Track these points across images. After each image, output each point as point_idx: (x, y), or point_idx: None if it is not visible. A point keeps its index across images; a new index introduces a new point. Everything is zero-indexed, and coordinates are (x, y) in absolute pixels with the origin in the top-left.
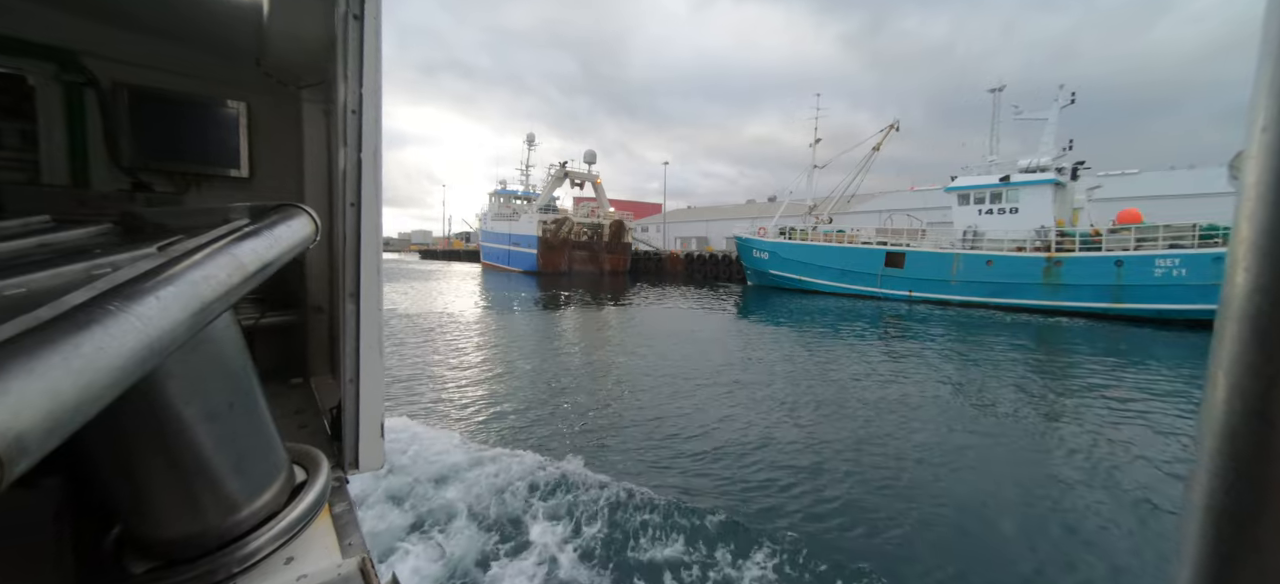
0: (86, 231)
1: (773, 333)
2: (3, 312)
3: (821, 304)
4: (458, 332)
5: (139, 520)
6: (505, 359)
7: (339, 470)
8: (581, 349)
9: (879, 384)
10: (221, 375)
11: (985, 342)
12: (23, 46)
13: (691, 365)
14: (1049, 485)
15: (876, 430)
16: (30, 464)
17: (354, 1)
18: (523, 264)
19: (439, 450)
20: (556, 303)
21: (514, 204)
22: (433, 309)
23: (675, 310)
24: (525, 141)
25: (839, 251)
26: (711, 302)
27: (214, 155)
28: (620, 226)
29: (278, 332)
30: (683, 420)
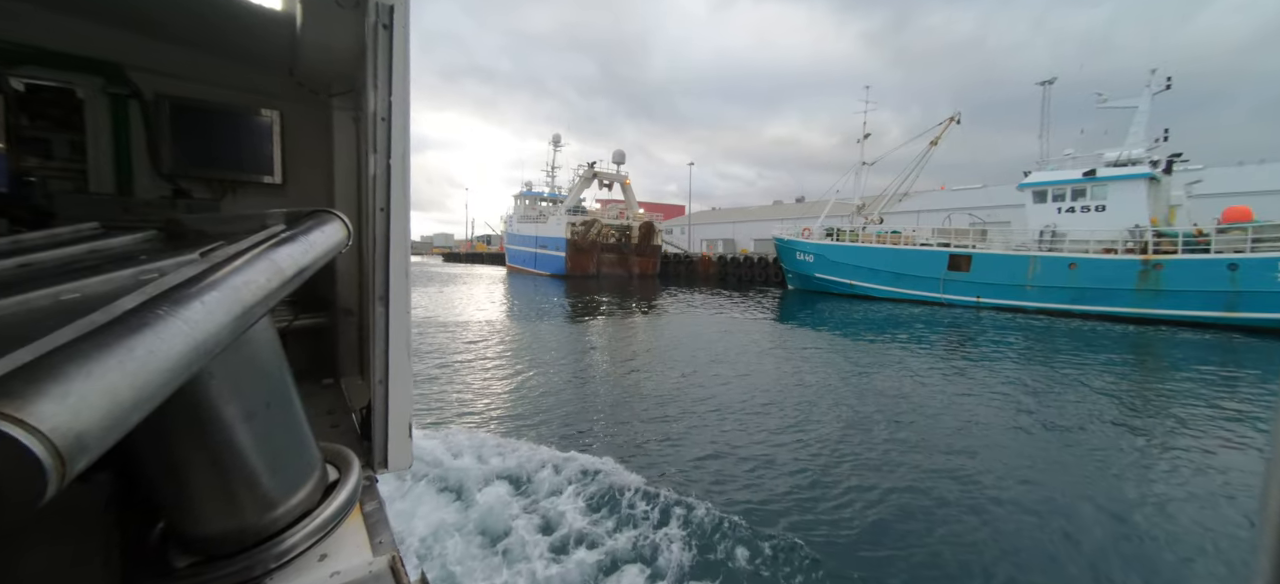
0: (133, 238)
1: (824, 343)
2: (60, 316)
3: (875, 311)
4: (487, 341)
5: (182, 516)
6: (542, 373)
7: (369, 470)
8: (619, 361)
9: (954, 400)
10: (258, 376)
11: (1074, 355)
12: (73, 61)
13: (738, 379)
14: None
15: (964, 462)
16: (89, 461)
17: (383, 11)
18: (550, 267)
19: (464, 461)
20: (588, 309)
21: (540, 206)
22: (459, 317)
23: (712, 317)
24: (551, 143)
25: (894, 254)
26: (750, 307)
27: (249, 163)
28: (650, 228)
29: (310, 333)
30: (736, 441)
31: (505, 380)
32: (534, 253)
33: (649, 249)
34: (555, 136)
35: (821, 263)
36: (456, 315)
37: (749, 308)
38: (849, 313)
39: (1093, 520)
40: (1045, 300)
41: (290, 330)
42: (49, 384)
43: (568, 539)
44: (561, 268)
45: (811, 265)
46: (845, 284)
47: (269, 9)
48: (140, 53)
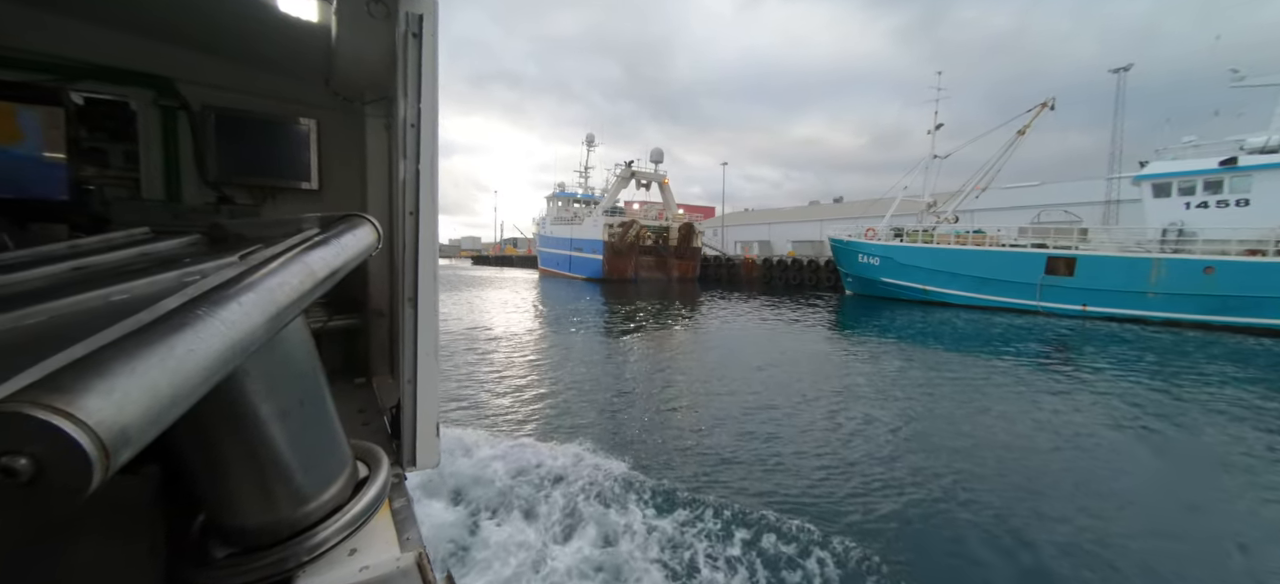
0: (179, 242)
1: (899, 358)
2: (109, 315)
3: (955, 320)
4: (525, 355)
5: (220, 509)
6: (585, 396)
7: (397, 467)
8: (666, 383)
9: (1075, 435)
10: (292, 375)
11: (1223, 376)
12: (127, 76)
13: (802, 405)
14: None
15: (1102, 529)
16: (133, 453)
17: (413, 21)
18: (586, 270)
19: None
20: (629, 317)
21: (573, 207)
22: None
23: (763, 327)
24: (584, 143)
25: (979, 256)
26: (804, 315)
27: (288, 170)
28: (690, 230)
29: (343, 334)
30: (808, 488)
31: (544, 404)
32: (568, 256)
33: (689, 252)
34: (588, 136)
35: (889, 266)
36: (491, 324)
37: (803, 316)
38: (924, 322)
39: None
40: (1173, 309)
41: (325, 331)
42: (95, 380)
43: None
44: (598, 271)
45: (876, 269)
46: (917, 289)
47: (305, 21)
48: (188, 67)
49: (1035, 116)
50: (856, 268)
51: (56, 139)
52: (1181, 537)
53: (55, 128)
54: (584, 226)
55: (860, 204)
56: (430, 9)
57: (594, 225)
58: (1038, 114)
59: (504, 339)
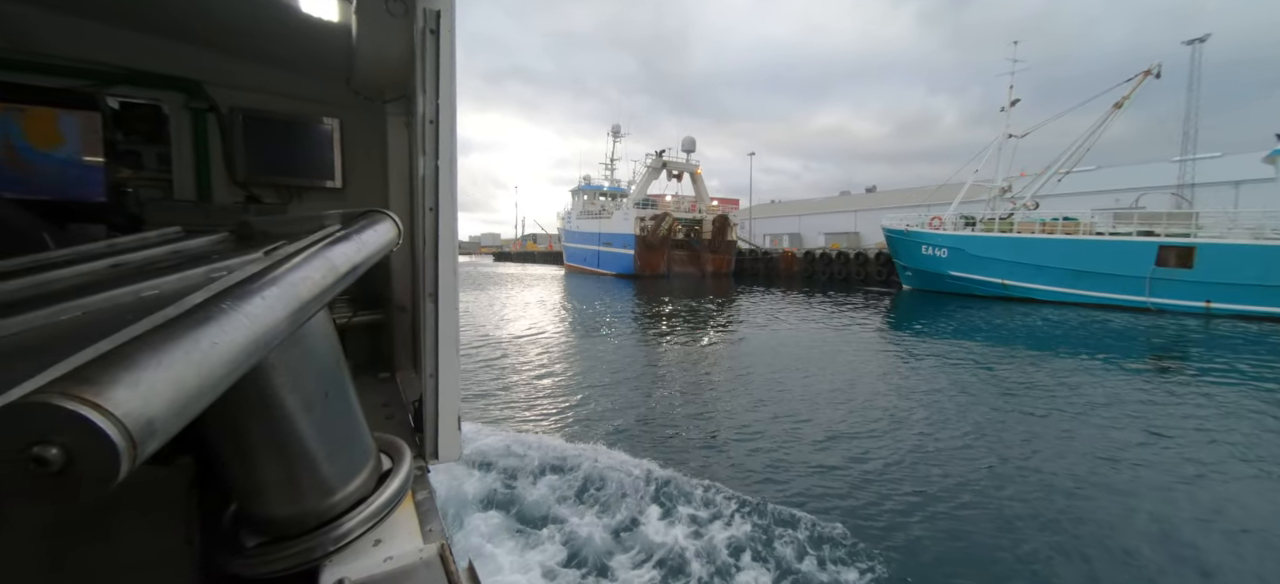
0: (208, 240)
1: (981, 366)
2: (139, 310)
3: (1044, 319)
4: (559, 364)
5: (250, 499)
6: (627, 425)
7: (420, 460)
8: (721, 398)
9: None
10: (317, 369)
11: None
12: (159, 80)
13: (882, 434)
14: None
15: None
16: (159, 445)
17: (431, 17)
18: (617, 266)
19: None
20: (668, 318)
21: (599, 201)
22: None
23: (815, 329)
24: (610, 134)
25: (1073, 246)
26: (858, 314)
27: (313, 168)
28: (724, 222)
29: (368, 329)
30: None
31: (584, 425)
32: (597, 251)
33: (723, 245)
34: (614, 127)
35: (959, 258)
36: (517, 326)
37: (857, 315)
38: (1007, 322)
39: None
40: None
41: (350, 326)
42: (122, 372)
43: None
44: (629, 267)
45: (944, 261)
46: (993, 284)
47: (327, 21)
48: (217, 69)
49: (1136, 86)
50: (918, 260)
51: (94, 142)
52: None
53: (93, 131)
54: (613, 220)
55: (898, 193)
56: (447, 5)
57: (624, 219)
58: (1140, 83)
59: (534, 345)
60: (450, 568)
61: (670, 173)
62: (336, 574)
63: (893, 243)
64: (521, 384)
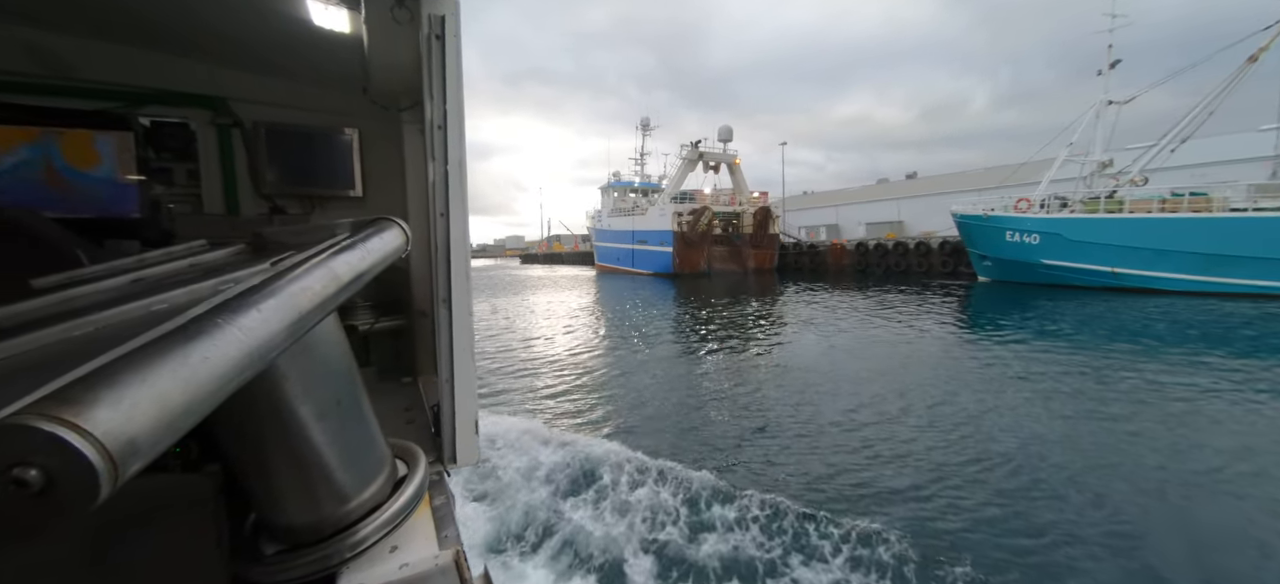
0: (226, 252)
1: (1125, 378)
2: (145, 324)
3: (1168, 312)
4: (618, 383)
5: (268, 507)
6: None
7: (439, 465)
8: (792, 436)
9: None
10: (329, 377)
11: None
12: (187, 99)
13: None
14: None
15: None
16: (143, 463)
17: (435, 22)
18: (654, 265)
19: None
20: (716, 321)
21: (630, 197)
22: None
23: (884, 333)
24: (639, 127)
25: (1205, 226)
26: (931, 312)
27: (334, 179)
28: (766, 215)
29: (390, 335)
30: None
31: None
32: (630, 250)
33: (766, 239)
34: (643, 120)
35: (1054, 244)
36: (556, 335)
37: (931, 313)
38: (1123, 316)
39: None
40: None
41: (373, 332)
42: (104, 391)
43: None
44: (667, 265)
45: (1035, 248)
46: (1101, 272)
47: (340, 33)
48: (240, 86)
49: (1276, 37)
50: (1001, 248)
51: (128, 161)
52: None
53: (127, 151)
54: (649, 217)
55: (944, 178)
56: (452, 9)
57: (661, 215)
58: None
59: (579, 359)
60: (465, 575)
61: (706, 164)
62: (352, 581)
63: (967, 230)
64: (573, 406)
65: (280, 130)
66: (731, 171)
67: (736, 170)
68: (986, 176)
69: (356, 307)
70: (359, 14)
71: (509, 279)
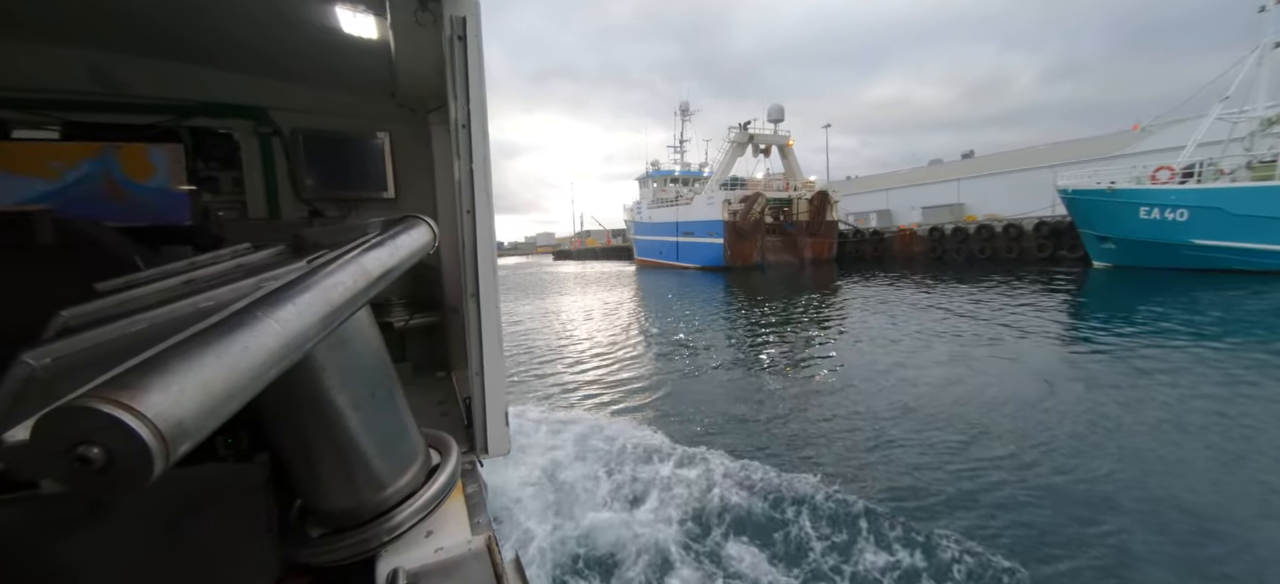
0: (267, 253)
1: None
2: (193, 319)
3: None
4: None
5: (311, 493)
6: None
7: (471, 455)
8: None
9: None
10: (363, 370)
11: None
12: (231, 110)
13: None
14: None
15: None
16: (191, 445)
17: (457, 24)
18: (702, 258)
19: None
20: (781, 323)
21: (671, 187)
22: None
23: (1001, 341)
24: (678, 112)
25: None
26: (1047, 309)
27: (367, 181)
28: (824, 200)
29: (424, 330)
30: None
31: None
32: (675, 243)
33: (824, 227)
34: (682, 105)
35: (1211, 220)
36: (605, 343)
37: (1046, 309)
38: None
39: None
40: None
41: (408, 328)
42: (156, 377)
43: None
44: (718, 258)
45: (1181, 227)
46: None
47: (368, 39)
48: (278, 95)
49: None
50: (1131, 227)
51: (179, 171)
52: None
53: (177, 162)
54: (695, 206)
55: (1009, 155)
56: (472, 10)
57: (708, 203)
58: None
59: (637, 375)
60: (496, 560)
61: (756, 147)
62: (391, 564)
63: (1081, 207)
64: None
65: (316, 136)
66: (782, 154)
67: (789, 153)
68: (1055, 152)
69: (392, 304)
70: (385, 20)
71: (544, 277)
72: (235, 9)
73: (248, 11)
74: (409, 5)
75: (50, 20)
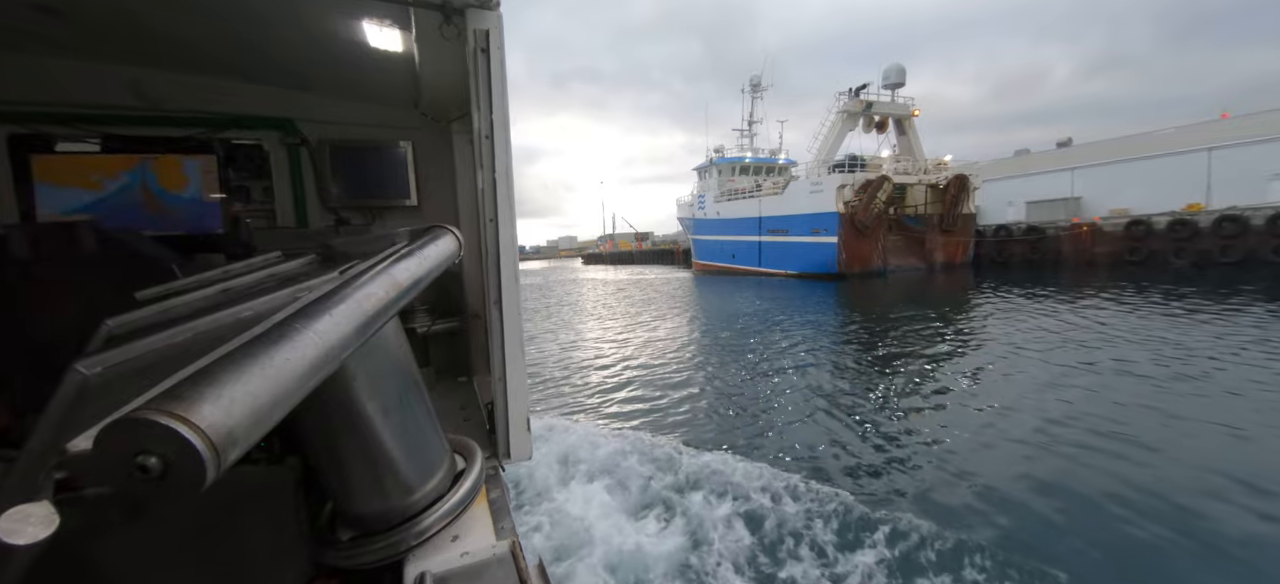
0: (298, 262)
1: None
2: (235, 330)
3: None
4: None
5: (343, 497)
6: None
7: (494, 460)
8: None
9: None
10: (391, 376)
11: None
12: (261, 122)
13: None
14: None
15: None
16: (240, 453)
17: (480, 37)
18: (801, 262)
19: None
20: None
21: (738, 177)
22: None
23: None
24: (746, 89)
25: None
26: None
27: (391, 190)
28: (962, 186)
29: (447, 336)
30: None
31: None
32: (757, 243)
33: (958, 221)
34: (753, 79)
35: None
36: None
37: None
38: None
39: None
40: None
41: (431, 334)
42: (208, 389)
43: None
44: (827, 262)
45: None
46: None
47: (393, 52)
48: (305, 107)
49: None
50: None
51: (211, 182)
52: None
53: (210, 173)
54: (789, 196)
55: (1128, 140)
56: (495, 23)
57: (814, 191)
58: None
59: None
60: (521, 564)
61: (868, 122)
62: (418, 567)
63: None
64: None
65: (342, 147)
66: (899, 129)
67: (911, 127)
68: (1180, 137)
69: (415, 310)
70: (410, 33)
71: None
72: (268, 28)
73: (280, 30)
74: (434, 20)
75: (96, 41)
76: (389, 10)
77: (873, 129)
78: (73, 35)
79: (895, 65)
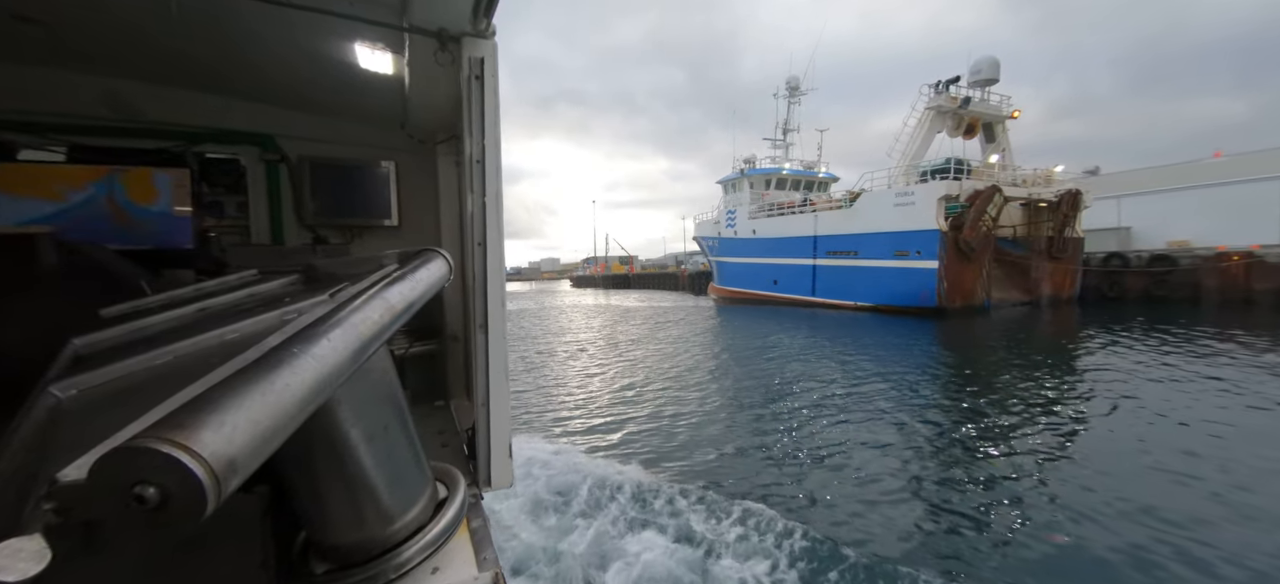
0: (280, 282)
1: None
2: (223, 354)
3: None
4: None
5: (318, 527)
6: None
7: (474, 487)
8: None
9: None
10: (377, 402)
11: None
12: (237, 136)
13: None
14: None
15: None
16: (240, 482)
17: (475, 64)
18: (877, 292)
19: None
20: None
21: (770, 194)
22: None
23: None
24: (781, 94)
25: None
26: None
27: (372, 209)
28: (1074, 203)
29: (423, 359)
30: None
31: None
32: (810, 267)
33: (1068, 247)
34: (790, 81)
35: None
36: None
37: None
38: None
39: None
40: None
41: (407, 356)
42: (208, 416)
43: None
44: (925, 293)
45: None
46: None
47: (383, 74)
48: (286, 123)
49: None
50: None
51: (183, 196)
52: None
53: (182, 186)
54: (862, 211)
55: (1169, 169)
56: (490, 52)
57: (900, 206)
58: None
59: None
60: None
61: (955, 125)
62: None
63: None
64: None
65: (323, 164)
66: (988, 136)
67: (1003, 134)
68: (1214, 168)
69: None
70: (403, 57)
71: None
72: (260, 46)
73: (272, 48)
74: (429, 45)
75: (76, 52)
76: (384, 34)
77: (961, 133)
78: (52, 46)
79: (987, 58)
